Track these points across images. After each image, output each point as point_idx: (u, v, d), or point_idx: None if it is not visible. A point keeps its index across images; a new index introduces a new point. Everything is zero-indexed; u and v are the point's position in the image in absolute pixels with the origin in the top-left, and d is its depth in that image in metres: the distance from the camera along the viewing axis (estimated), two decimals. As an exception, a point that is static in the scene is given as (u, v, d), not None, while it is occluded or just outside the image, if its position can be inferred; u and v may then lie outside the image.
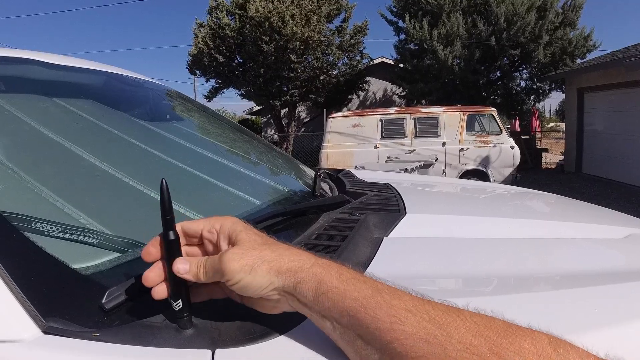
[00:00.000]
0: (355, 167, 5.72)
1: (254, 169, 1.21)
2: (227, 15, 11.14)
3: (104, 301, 0.45)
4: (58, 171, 0.75)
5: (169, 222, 0.44)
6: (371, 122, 7.13)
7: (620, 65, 7.14)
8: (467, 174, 6.70)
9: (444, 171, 6.86)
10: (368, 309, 0.37)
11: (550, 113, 32.43)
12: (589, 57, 11.05)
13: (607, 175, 8.13)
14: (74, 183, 0.74)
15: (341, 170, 1.66)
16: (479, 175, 6.63)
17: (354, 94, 13.85)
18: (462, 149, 6.85)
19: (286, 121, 13.30)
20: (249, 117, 18.74)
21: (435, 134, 6.96)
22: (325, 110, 10.29)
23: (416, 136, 7.00)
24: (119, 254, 0.58)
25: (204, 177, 0.97)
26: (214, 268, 0.42)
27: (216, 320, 0.45)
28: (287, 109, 12.95)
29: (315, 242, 0.71)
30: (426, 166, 6.64)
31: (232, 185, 0.97)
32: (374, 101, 15.05)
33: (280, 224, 0.82)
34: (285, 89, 11.83)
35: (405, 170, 5.57)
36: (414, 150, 6.93)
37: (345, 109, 13.48)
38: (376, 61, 14.15)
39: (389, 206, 1.01)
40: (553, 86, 12.12)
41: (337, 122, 7.29)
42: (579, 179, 8.63)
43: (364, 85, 13.73)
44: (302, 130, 14.33)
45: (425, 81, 11.43)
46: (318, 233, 0.77)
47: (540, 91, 12.27)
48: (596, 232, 0.96)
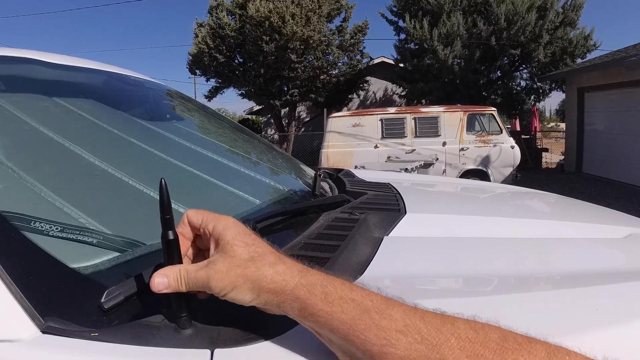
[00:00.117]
0: (356, 167, 5.71)
1: (254, 169, 1.21)
2: (227, 15, 11.14)
3: (103, 301, 0.45)
4: (58, 170, 0.74)
5: (168, 221, 0.44)
6: (371, 122, 7.13)
7: (621, 65, 7.14)
8: (467, 174, 6.69)
9: (444, 171, 6.85)
10: (357, 331, 0.36)
11: (551, 113, 32.42)
12: (589, 56, 11.04)
13: (607, 175, 8.13)
14: (74, 182, 0.74)
15: (341, 170, 1.66)
16: (479, 175, 6.62)
17: (354, 94, 13.84)
18: (462, 149, 6.85)
19: (286, 121, 13.29)
20: (249, 116, 18.74)
21: (436, 134, 6.95)
22: (325, 110, 10.29)
23: (416, 136, 6.99)
24: (118, 254, 0.58)
25: (204, 177, 0.96)
26: (198, 282, 0.42)
27: (215, 320, 0.45)
28: (287, 108, 12.94)
29: (315, 241, 0.71)
30: (426, 166, 6.63)
31: (232, 184, 0.97)
32: (374, 101, 15.05)
33: (280, 223, 0.82)
34: (286, 88, 11.83)
35: (406, 170, 5.57)
36: (414, 150, 6.93)
37: (345, 108, 13.47)
38: (376, 61, 14.14)
39: (389, 206, 1.01)
40: (553, 86, 12.12)
41: (337, 122, 7.29)
42: (579, 178, 8.62)
43: (364, 85, 13.72)
44: (302, 130, 14.33)
45: (426, 81, 11.42)
46: (318, 232, 0.77)
47: (541, 91, 12.26)
48: (597, 231, 0.96)
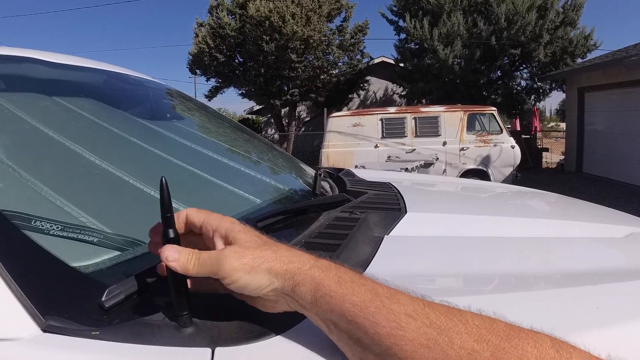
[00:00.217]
0: (356, 167, 5.72)
1: (254, 168, 1.21)
2: (227, 15, 11.14)
3: (103, 299, 0.45)
4: (58, 169, 0.74)
5: (168, 220, 0.44)
6: (371, 122, 7.13)
7: (621, 64, 7.14)
8: (467, 174, 6.69)
9: (444, 170, 6.85)
10: (367, 314, 0.36)
11: (551, 112, 32.40)
12: (589, 56, 11.04)
13: (607, 174, 8.13)
14: (74, 181, 0.74)
15: (341, 170, 1.66)
16: (480, 174, 6.62)
17: (355, 94, 13.84)
18: (462, 149, 6.85)
19: (286, 120, 13.29)
20: (250, 116, 18.74)
21: (436, 134, 6.95)
22: (325, 109, 10.29)
23: (417, 135, 6.99)
24: (118, 253, 0.58)
25: (204, 176, 0.96)
26: (210, 264, 0.41)
27: (216, 319, 0.45)
28: (287, 108, 12.94)
29: (315, 240, 0.71)
30: (426, 165, 6.63)
31: (232, 184, 0.97)
32: (374, 100, 15.05)
33: (281, 222, 0.82)
34: (286, 88, 11.83)
35: (406, 170, 5.56)
36: (414, 149, 6.93)
37: (345, 108, 13.47)
38: (376, 60, 14.14)
39: (389, 205, 1.01)
40: (553, 85, 12.11)
41: (338, 122, 7.29)
42: (579, 178, 8.62)
43: (365, 84, 13.72)
44: (303, 129, 14.33)
45: (426, 80, 11.42)
46: (318, 232, 0.77)
47: (541, 90, 12.26)
48: (597, 231, 0.96)
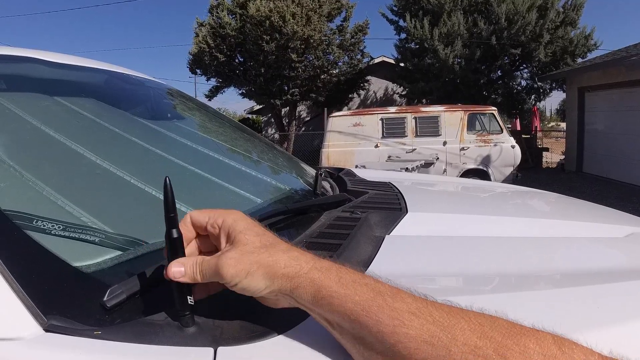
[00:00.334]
0: (356, 166, 5.72)
1: (255, 168, 1.21)
2: (227, 14, 11.13)
3: (105, 299, 0.45)
4: (59, 169, 0.75)
5: (172, 220, 0.44)
6: (372, 121, 7.13)
7: (621, 64, 7.13)
8: (467, 173, 6.69)
9: (444, 170, 6.85)
10: (370, 313, 0.37)
11: (551, 112, 32.35)
12: (589, 56, 11.04)
13: (608, 174, 8.12)
14: (76, 181, 0.74)
15: (342, 169, 1.66)
16: (480, 174, 6.62)
17: (355, 93, 13.83)
18: (462, 148, 6.85)
19: (287, 120, 13.29)
20: (250, 116, 18.74)
21: (436, 133, 6.95)
22: (325, 109, 10.28)
23: (417, 135, 6.99)
24: (120, 252, 0.58)
25: (205, 176, 0.97)
26: (212, 271, 0.42)
27: (218, 318, 0.45)
28: (287, 108, 12.94)
29: (316, 240, 0.71)
30: (427, 165, 6.62)
31: (233, 183, 0.97)
32: (374, 100, 15.04)
33: (282, 222, 0.82)
34: (286, 88, 11.82)
35: (406, 170, 5.56)
36: (414, 149, 6.93)
37: (345, 108, 13.47)
38: (377, 60, 14.13)
39: (390, 205, 1.01)
40: (554, 85, 12.11)
41: (338, 121, 7.29)
42: (579, 178, 8.62)
43: (365, 84, 13.72)
44: (303, 129, 14.33)
45: (426, 80, 11.42)
46: (319, 231, 0.77)
47: (541, 90, 12.25)
48: (597, 231, 0.96)
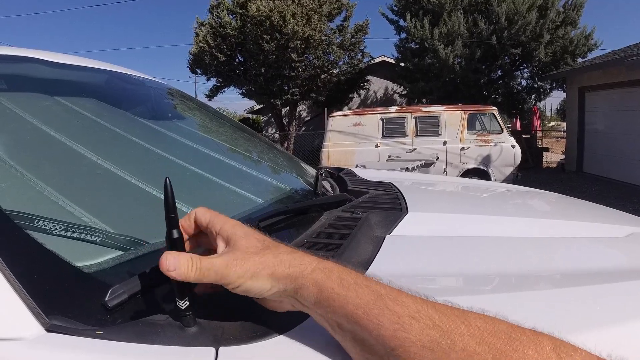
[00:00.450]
0: (357, 166, 5.72)
1: (255, 168, 1.21)
2: (228, 14, 11.13)
3: (107, 299, 0.45)
4: (60, 169, 0.75)
5: (172, 220, 0.44)
6: (372, 121, 7.13)
7: (621, 64, 7.13)
8: (468, 173, 6.69)
9: (445, 170, 6.85)
10: (370, 316, 0.37)
11: (551, 112, 32.34)
12: (590, 56, 11.03)
13: (608, 174, 8.12)
14: (76, 181, 0.74)
15: (342, 169, 1.66)
16: (480, 174, 6.62)
17: (355, 93, 13.83)
18: (463, 148, 6.85)
19: (287, 120, 13.29)
20: (250, 115, 18.74)
21: (436, 133, 6.95)
22: (326, 109, 10.28)
23: (417, 135, 6.99)
24: (121, 252, 0.58)
25: (205, 176, 0.97)
26: (214, 271, 0.41)
27: (220, 318, 0.45)
28: (288, 107, 12.94)
29: (317, 240, 0.71)
30: (427, 165, 6.63)
31: (234, 183, 0.97)
32: (374, 100, 15.04)
33: (282, 222, 0.82)
34: (286, 87, 11.82)
35: (407, 169, 5.56)
36: (415, 149, 6.93)
37: (346, 107, 13.46)
38: (377, 60, 14.13)
39: (390, 205, 1.01)
40: (554, 85, 12.10)
41: (338, 121, 7.29)
42: (580, 178, 8.62)
43: (365, 84, 13.72)
44: (303, 129, 14.33)
45: (426, 80, 11.41)
46: (320, 231, 0.77)
47: (541, 90, 12.25)
48: (598, 230, 0.96)
